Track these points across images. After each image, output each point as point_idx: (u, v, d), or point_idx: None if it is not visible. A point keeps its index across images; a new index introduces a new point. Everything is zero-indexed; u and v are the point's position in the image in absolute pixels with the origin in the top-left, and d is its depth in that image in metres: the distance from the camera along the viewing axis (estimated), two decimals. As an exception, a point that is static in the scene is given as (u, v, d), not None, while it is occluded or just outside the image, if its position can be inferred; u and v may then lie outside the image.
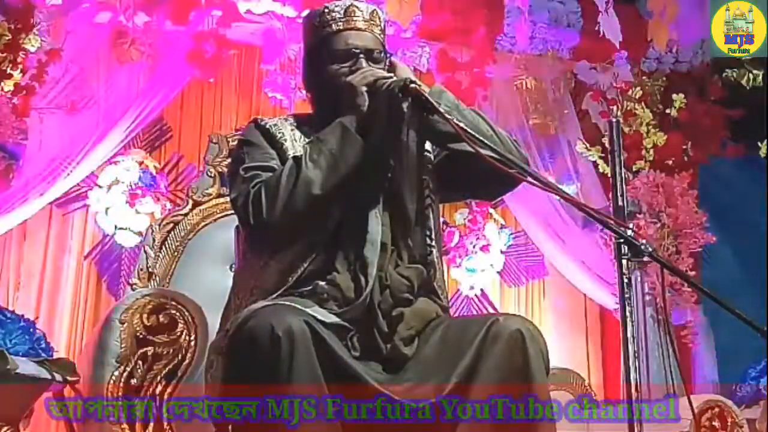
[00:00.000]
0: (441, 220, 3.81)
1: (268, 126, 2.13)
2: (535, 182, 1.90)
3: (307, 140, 2.06)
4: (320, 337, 1.80)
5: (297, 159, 1.98)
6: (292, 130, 2.13)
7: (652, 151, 4.44)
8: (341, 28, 2.10)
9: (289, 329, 1.76)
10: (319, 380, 1.77)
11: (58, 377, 3.15)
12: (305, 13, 3.89)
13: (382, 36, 2.15)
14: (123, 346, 3.19)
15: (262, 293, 1.99)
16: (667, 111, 4.52)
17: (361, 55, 2.08)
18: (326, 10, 2.12)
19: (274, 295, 1.96)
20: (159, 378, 3.21)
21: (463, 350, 1.91)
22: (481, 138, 1.91)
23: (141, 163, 4.13)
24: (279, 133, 2.11)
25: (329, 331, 1.84)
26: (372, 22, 2.13)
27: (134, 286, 3.66)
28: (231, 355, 1.87)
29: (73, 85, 3.89)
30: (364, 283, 1.97)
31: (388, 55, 2.15)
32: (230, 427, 2.01)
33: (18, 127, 3.58)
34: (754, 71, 4.39)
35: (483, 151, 1.87)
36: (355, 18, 2.11)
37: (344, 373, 1.82)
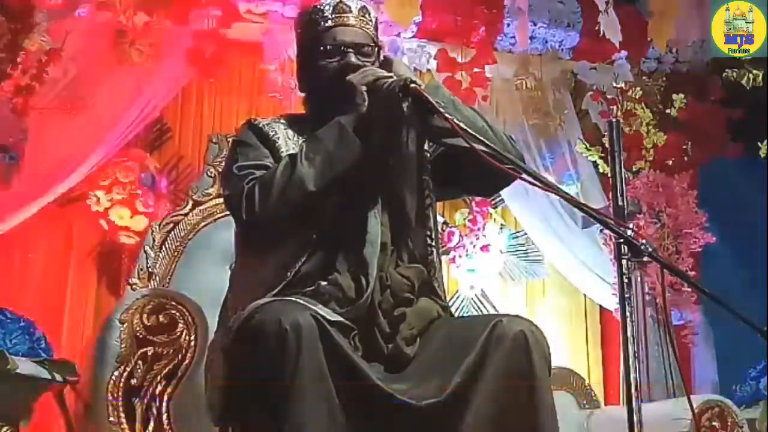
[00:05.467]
0: (441, 220, 3.80)
1: (261, 126, 2.14)
2: (529, 179, 1.90)
3: (301, 139, 2.07)
4: (327, 332, 1.80)
5: (292, 156, 1.98)
6: (285, 129, 2.15)
7: (652, 151, 4.45)
8: (330, 25, 2.12)
9: (297, 323, 1.76)
10: (325, 376, 1.77)
11: (58, 377, 3.16)
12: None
13: (373, 31, 2.16)
14: (123, 346, 3.19)
15: (259, 290, 1.98)
16: (667, 111, 4.53)
17: (350, 50, 2.09)
18: (316, 8, 2.15)
19: (273, 292, 1.96)
20: (159, 378, 3.21)
21: (467, 351, 1.91)
22: (478, 135, 1.91)
23: (141, 163, 4.13)
24: (272, 131, 2.12)
25: (334, 328, 1.85)
26: (362, 18, 2.14)
27: (134, 286, 3.66)
28: (236, 349, 1.87)
29: (73, 85, 3.88)
30: (364, 284, 1.97)
31: (379, 48, 2.16)
32: (231, 427, 2.02)
33: (18, 127, 3.58)
34: (754, 71, 4.39)
35: (479, 148, 1.87)
36: (344, 15, 2.12)
37: (348, 370, 1.82)
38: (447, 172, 2.15)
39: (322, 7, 2.13)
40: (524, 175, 1.89)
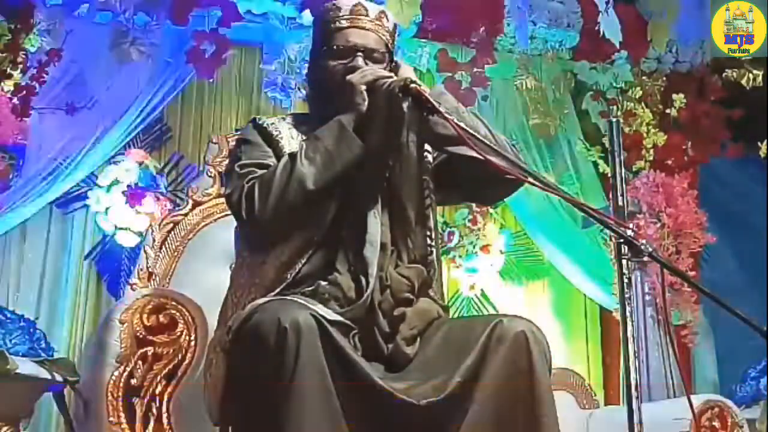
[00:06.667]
0: (441, 220, 3.77)
1: (265, 125, 2.14)
2: (535, 183, 1.90)
3: (304, 138, 2.07)
4: (327, 332, 1.80)
5: (292, 155, 1.98)
6: (289, 128, 2.15)
7: (652, 151, 4.45)
8: (345, 25, 2.11)
9: (296, 322, 1.76)
10: (325, 376, 1.77)
11: (58, 377, 3.15)
12: (306, 12, 3.92)
13: (387, 37, 2.15)
14: (123, 346, 3.18)
15: (260, 290, 1.99)
16: (667, 111, 4.53)
17: (360, 54, 2.08)
18: (334, 7, 2.13)
19: (274, 292, 1.96)
20: (159, 378, 3.20)
21: (467, 350, 1.91)
22: (481, 140, 1.91)
23: (141, 163, 4.13)
24: (276, 131, 2.12)
25: (334, 327, 1.85)
26: (378, 22, 2.13)
27: (134, 286, 3.65)
28: (235, 349, 1.87)
29: (73, 85, 3.88)
30: (364, 284, 1.97)
31: (391, 55, 2.15)
32: (231, 427, 2.02)
33: (18, 127, 3.58)
34: (754, 71, 4.40)
35: (482, 153, 1.87)
36: (360, 16, 2.11)
37: (348, 369, 1.82)
38: (451, 178, 2.14)
39: (340, 6, 2.13)
40: (530, 180, 1.89)
